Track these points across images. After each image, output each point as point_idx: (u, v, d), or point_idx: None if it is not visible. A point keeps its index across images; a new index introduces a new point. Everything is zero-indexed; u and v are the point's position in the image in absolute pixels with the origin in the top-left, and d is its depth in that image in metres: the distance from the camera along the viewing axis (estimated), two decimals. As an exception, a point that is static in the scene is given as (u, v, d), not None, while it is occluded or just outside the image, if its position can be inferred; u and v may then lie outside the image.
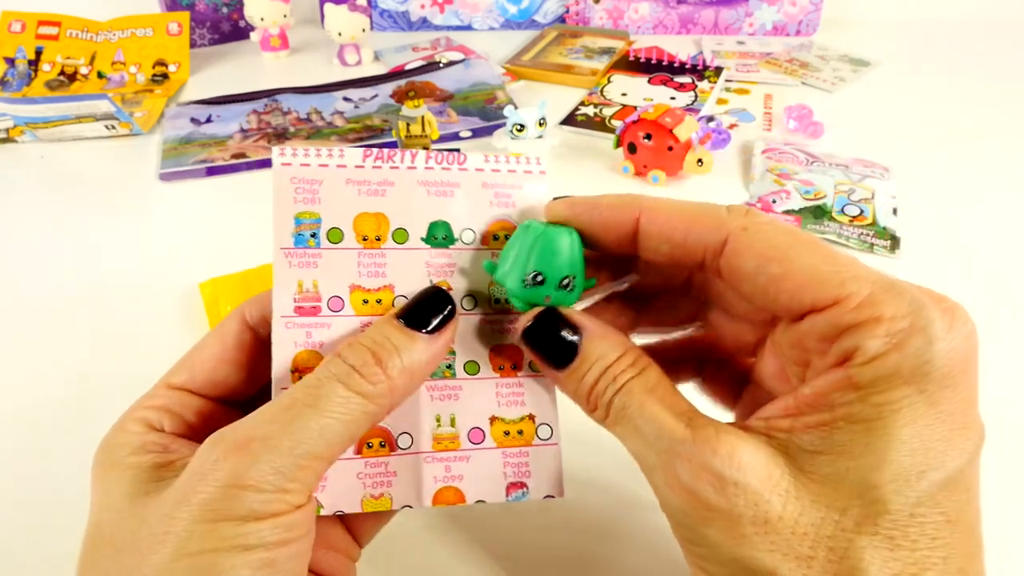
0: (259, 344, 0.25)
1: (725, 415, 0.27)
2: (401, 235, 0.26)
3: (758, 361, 0.26)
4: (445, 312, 0.24)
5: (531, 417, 0.26)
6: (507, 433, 0.26)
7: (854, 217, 0.54)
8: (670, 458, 0.21)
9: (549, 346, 0.24)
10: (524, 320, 0.24)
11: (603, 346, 0.23)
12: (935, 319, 0.19)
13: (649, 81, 0.77)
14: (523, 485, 0.26)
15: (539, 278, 0.24)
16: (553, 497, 0.26)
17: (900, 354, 0.19)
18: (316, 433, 0.21)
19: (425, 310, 0.24)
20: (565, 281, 0.24)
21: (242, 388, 0.25)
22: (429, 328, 0.23)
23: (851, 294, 0.20)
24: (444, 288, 0.25)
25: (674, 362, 0.28)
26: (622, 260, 0.27)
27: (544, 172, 0.28)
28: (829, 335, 0.20)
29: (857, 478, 0.19)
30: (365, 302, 0.25)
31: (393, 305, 0.25)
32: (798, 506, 0.19)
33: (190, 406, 0.24)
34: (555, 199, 0.26)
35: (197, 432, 0.23)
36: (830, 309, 0.20)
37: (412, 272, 0.26)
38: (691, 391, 0.29)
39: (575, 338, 0.23)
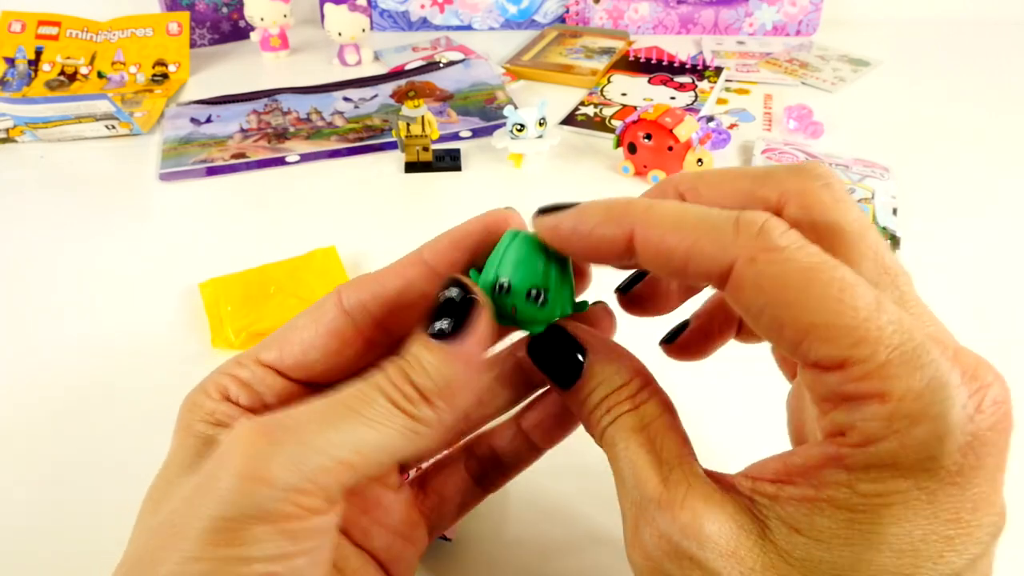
0: (354, 332, 0.23)
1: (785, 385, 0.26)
2: None
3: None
4: (465, 314, 0.21)
5: None
6: None
7: (854, 217, 0.54)
8: (638, 516, 0.20)
9: (553, 364, 0.23)
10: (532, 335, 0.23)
11: (608, 370, 0.22)
12: (955, 405, 0.16)
13: (649, 81, 0.77)
14: None
15: (504, 286, 0.22)
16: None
17: (899, 443, 0.16)
18: (351, 439, 0.19)
19: (444, 316, 0.21)
20: (534, 292, 0.22)
21: (333, 374, 0.23)
22: (452, 336, 0.21)
23: (861, 360, 0.16)
24: (462, 279, 0.22)
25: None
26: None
27: None
28: (830, 399, 0.17)
29: (829, 572, 0.17)
30: None
31: None
32: None
33: (273, 387, 0.23)
34: (539, 212, 0.23)
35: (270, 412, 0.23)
36: (835, 372, 0.17)
37: None
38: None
39: (580, 358, 0.22)
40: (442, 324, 0.21)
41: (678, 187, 0.22)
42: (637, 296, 0.26)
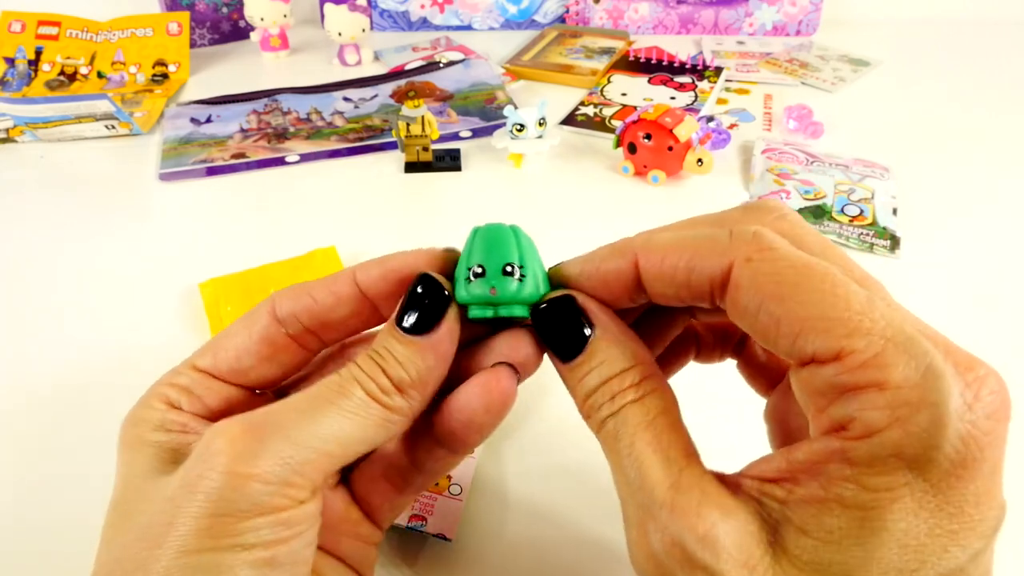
0: (286, 339, 0.24)
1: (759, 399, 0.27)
2: None
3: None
4: (436, 308, 0.22)
5: (448, 477, 0.34)
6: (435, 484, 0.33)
7: (854, 217, 0.54)
8: (645, 518, 0.19)
9: (556, 334, 0.22)
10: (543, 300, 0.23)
11: (612, 351, 0.21)
12: (952, 393, 0.16)
13: (649, 81, 0.77)
14: (422, 519, 0.32)
15: (479, 270, 0.22)
16: (445, 538, 0.32)
17: (903, 432, 0.16)
18: (331, 430, 0.20)
19: (415, 310, 0.22)
20: (508, 268, 0.22)
21: (266, 380, 0.24)
22: (425, 331, 0.22)
23: (856, 350, 0.17)
24: (431, 275, 0.23)
25: (717, 336, 0.27)
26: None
27: None
28: (827, 393, 0.18)
29: (839, 573, 0.17)
30: None
31: None
32: None
33: (212, 389, 0.24)
34: (552, 268, 0.24)
35: (216, 415, 0.23)
36: (831, 364, 0.17)
37: None
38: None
39: (586, 332, 0.22)
40: (412, 318, 0.22)
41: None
42: None
